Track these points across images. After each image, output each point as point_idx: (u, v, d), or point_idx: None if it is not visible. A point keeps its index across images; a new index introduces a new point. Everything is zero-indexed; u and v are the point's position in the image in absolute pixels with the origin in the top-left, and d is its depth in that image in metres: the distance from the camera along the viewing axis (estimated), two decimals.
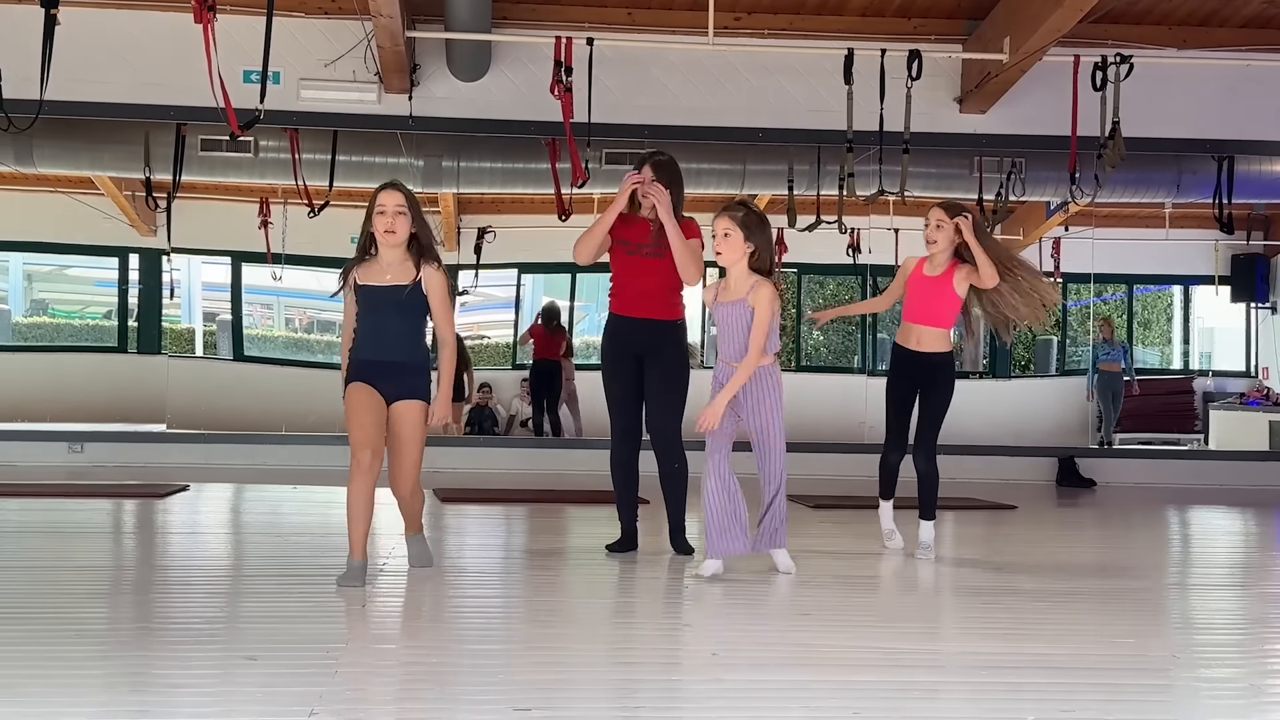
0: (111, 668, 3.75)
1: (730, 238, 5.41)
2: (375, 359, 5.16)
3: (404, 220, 5.16)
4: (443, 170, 11.48)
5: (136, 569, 5.80)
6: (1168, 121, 10.61)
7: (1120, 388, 14.74)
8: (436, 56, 10.34)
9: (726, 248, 5.41)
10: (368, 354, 5.18)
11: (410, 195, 5.25)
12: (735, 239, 5.40)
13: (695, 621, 4.66)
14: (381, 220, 5.16)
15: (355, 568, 5.02)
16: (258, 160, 11.41)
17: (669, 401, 5.90)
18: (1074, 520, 8.66)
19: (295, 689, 3.46)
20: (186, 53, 8.96)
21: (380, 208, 5.17)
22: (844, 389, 14.96)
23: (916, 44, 9.96)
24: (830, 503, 8.66)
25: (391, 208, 5.15)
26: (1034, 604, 5.08)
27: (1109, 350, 14.94)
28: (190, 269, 17.35)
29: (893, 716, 3.37)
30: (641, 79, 10.40)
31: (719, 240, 5.43)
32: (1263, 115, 10.76)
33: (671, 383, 5.90)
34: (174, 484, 8.88)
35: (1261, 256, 15.45)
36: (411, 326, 5.24)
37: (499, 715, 3.28)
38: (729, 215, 5.43)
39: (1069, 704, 3.52)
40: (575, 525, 7.64)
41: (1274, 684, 4.01)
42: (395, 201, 5.16)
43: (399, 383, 5.16)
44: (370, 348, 5.18)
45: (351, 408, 5.11)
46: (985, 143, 10.95)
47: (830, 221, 11.60)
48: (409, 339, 5.23)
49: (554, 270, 16.62)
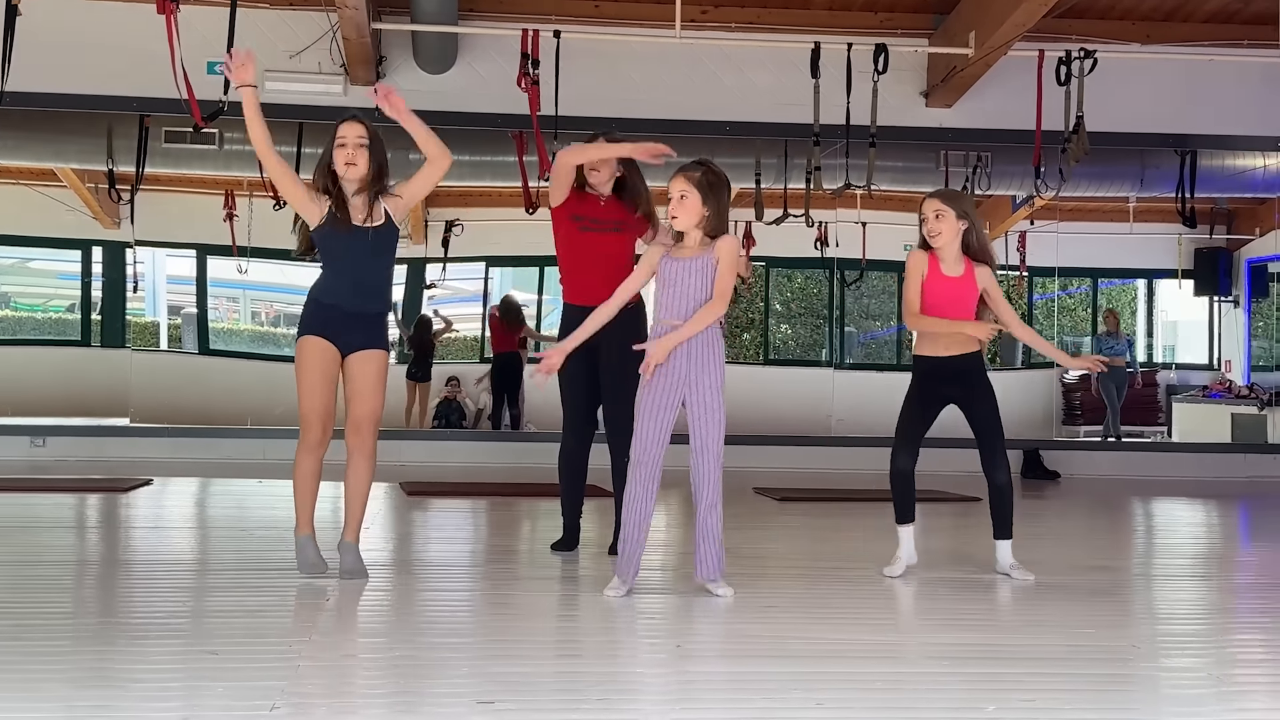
0: (73, 662, 3.72)
1: (686, 200, 4.84)
2: (341, 306, 4.93)
3: (364, 153, 4.88)
4: (409, 163, 11.38)
5: (99, 564, 5.75)
6: (1131, 116, 10.69)
7: (1125, 380, 14.56)
8: (403, 48, 10.30)
9: (682, 211, 4.84)
10: (333, 299, 4.94)
11: (372, 128, 4.96)
12: (692, 202, 4.84)
13: (659, 615, 4.67)
14: (342, 153, 4.88)
15: (304, 544, 4.96)
16: (222, 152, 11.35)
17: (630, 389, 5.38)
18: (1038, 512, 8.71)
19: (257, 683, 3.44)
20: (150, 44, 8.89)
21: (340, 139, 4.89)
22: (811, 382, 15.00)
23: (883, 38, 9.99)
24: (797, 496, 8.69)
25: (353, 139, 4.89)
26: (997, 596, 5.10)
27: (1114, 343, 14.74)
28: (155, 262, 17.20)
29: (855, 707, 3.38)
30: (608, 72, 10.39)
31: (674, 203, 4.87)
32: (1225, 110, 10.85)
33: (632, 367, 5.55)
34: (138, 478, 8.81)
35: (1224, 250, 15.57)
36: (383, 271, 5.03)
37: (462, 708, 3.28)
38: (686, 175, 4.87)
39: (1030, 694, 3.54)
40: (540, 519, 7.63)
41: (1234, 674, 4.04)
42: (356, 133, 4.90)
43: (363, 333, 4.96)
44: (336, 293, 4.93)
45: (306, 368, 4.92)
46: (951, 137, 11.00)
47: (797, 215, 11.63)
48: (381, 287, 5.03)
49: (522, 264, 16.58)
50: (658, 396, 4.84)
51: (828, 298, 14.82)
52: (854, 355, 15.21)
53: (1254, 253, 14.63)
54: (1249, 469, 11.41)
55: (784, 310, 15.68)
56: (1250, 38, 10.56)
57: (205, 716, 3.16)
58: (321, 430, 4.94)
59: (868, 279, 14.67)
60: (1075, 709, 3.42)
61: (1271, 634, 4.69)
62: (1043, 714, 3.35)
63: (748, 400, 11.60)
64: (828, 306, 15.03)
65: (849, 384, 14.19)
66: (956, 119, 10.80)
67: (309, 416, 4.93)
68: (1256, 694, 3.80)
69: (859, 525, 7.51)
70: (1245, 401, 13.42)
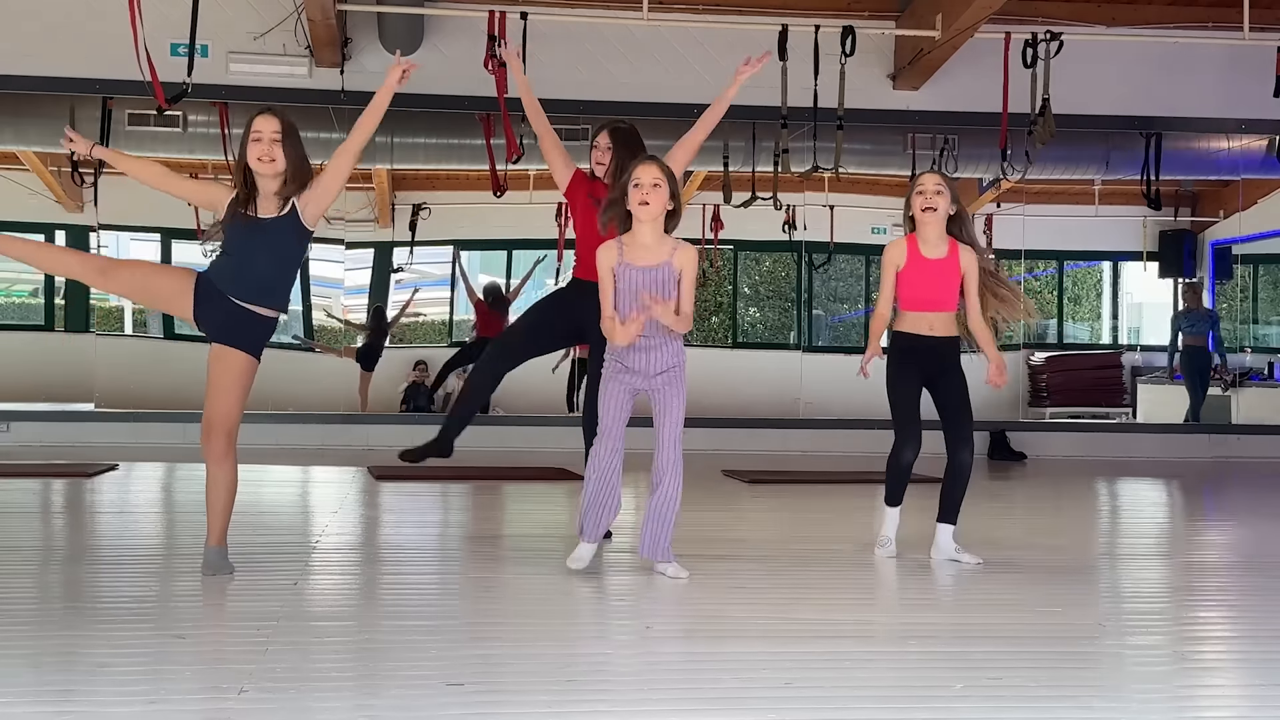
0: (38, 647, 3.69)
1: (660, 189, 4.78)
2: (226, 294, 4.67)
3: (279, 148, 4.66)
4: (376, 146, 11.39)
5: (65, 549, 5.71)
6: (1097, 98, 10.75)
7: (1208, 364, 12.87)
8: (368, 30, 10.24)
9: (655, 199, 4.76)
10: (221, 285, 4.67)
11: (289, 122, 4.75)
12: (664, 192, 4.78)
13: (627, 596, 4.67)
14: (256, 148, 4.64)
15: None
16: (186, 135, 11.27)
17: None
18: (1004, 493, 8.77)
19: (226, 666, 3.43)
20: (112, 25, 8.81)
21: (256, 134, 4.66)
22: (780, 365, 15.02)
23: (850, 20, 10.01)
24: (766, 478, 8.71)
25: (268, 134, 4.66)
26: (964, 575, 5.13)
27: (1194, 322, 12.89)
28: (119, 246, 17.07)
29: (824, 686, 3.40)
30: (576, 54, 10.36)
31: (647, 190, 4.76)
32: (1189, 92, 10.93)
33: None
34: (103, 463, 8.75)
35: (1189, 232, 15.66)
36: (273, 268, 4.72)
37: (431, 690, 3.27)
38: (657, 165, 4.82)
39: (996, 672, 3.57)
40: (510, 503, 7.63)
41: (1197, 650, 4.08)
42: (272, 128, 4.67)
43: (231, 328, 4.66)
44: (222, 279, 4.68)
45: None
46: (918, 119, 11.04)
47: (765, 198, 11.64)
48: (268, 284, 4.70)
49: (490, 247, 16.52)
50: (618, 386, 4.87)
51: (796, 281, 14.84)
52: (822, 338, 15.24)
53: (1218, 235, 14.73)
54: (1213, 449, 11.53)
55: (752, 293, 15.68)
56: (1215, 20, 10.62)
57: (172, 700, 3.14)
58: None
59: (836, 262, 14.68)
60: (1041, 686, 3.45)
61: (1234, 611, 4.74)
62: (1009, 691, 3.38)
63: (717, 383, 11.63)
64: (796, 289, 15.05)
65: (817, 367, 14.21)
66: (923, 101, 10.83)
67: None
68: (1219, 670, 3.85)
69: (828, 507, 7.54)
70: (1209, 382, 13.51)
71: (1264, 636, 4.21)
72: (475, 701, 3.19)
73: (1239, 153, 12.39)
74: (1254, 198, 13.20)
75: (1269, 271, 14.78)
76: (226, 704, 3.08)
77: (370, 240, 13.26)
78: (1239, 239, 13.74)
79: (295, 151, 4.72)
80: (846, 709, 3.21)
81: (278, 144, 4.68)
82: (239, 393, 4.67)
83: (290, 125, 4.75)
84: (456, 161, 11.76)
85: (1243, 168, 12.66)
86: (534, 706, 3.16)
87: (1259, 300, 14.96)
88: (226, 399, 4.66)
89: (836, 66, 9.64)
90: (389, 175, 14.67)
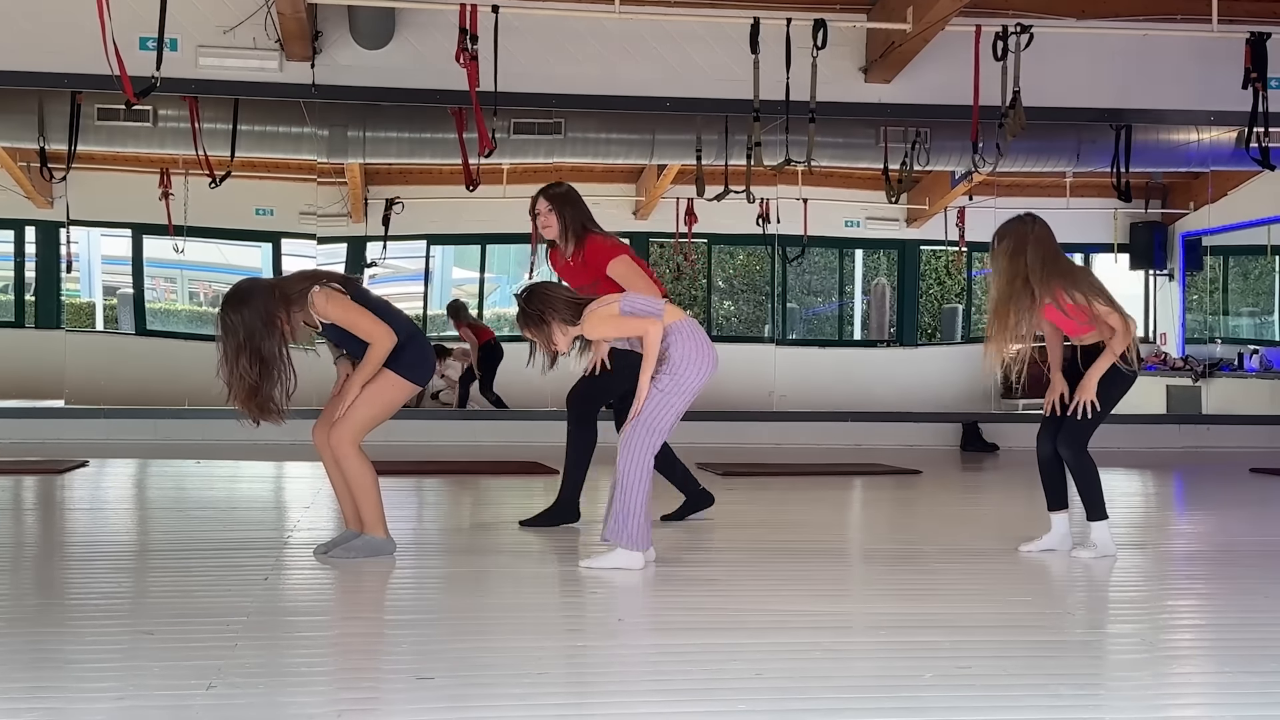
0: (9, 644, 3.67)
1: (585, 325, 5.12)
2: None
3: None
4: (348, 140, 11.34)
5: (35, 546, 5.68)
6: (1067, 91, 10.77)
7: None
8: (339, 23, 10.18)
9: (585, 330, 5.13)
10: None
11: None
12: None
13: (601, 588, 4.67)
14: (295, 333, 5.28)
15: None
16: (157, 130, 11.20)
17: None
18: (977, 484, 8.80)
19: (194, 662, 3.41)
20: (80, 18, 8.74)
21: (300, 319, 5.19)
22: (754, 358, 15.04)
23: (822, 13, 10.01)
24: (740, 470, 8.72)
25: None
26: (937, 565, 5.15)
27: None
28: (89, 242, 16.95)
29: (795, 676, 3.41)
30: (548, 47, 10.33)
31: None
32: (1159, 84, 10.97)
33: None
34: (74, 460, 8.69)
35: (1159, 224, 15.73)
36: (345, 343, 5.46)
37: (401, 684, 3.27)
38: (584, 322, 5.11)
39: (966, 661, 3.58)
40: (488, 496, 7.62)
41: (1168, 639, 4.10)
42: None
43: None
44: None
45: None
46: (890, 112, 11.05)
47: (738, 191, 11.64)
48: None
49: (463, 241, 16.49)
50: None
51: (770, 274, 14.85)
52: (796, 331, 15.25)
53: (1188, 226, 14.80)
54: (1183, 439, 11.58)
55: (726, 287, 15.69)
56: (1184, 12, 10.65)
57: (142, 696, 3.13)
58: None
59: (809, 255, 14.70)
60: (1011, 675, 3.46)
61: (1205, 600, 4.77)
62: (979, 680, 3.39)
63: None
64: (770, 283, 15.07)
65: (791, 360, 14.23)
66: (895, 94, 10.84)
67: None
68: (1191, 659, 3.87)
69: (801, 499, 7.56)
70: (1180, 373, 13.60)
71: (1233, 625, 4.23)
72: (446, 695, 3.18)
73: (1208, 145, 12.45)
74: (1223, 189, 13.27)
75: (1239, 263, 14.87)
76: (194, 699, 3.07)
77: (343, 235, 13.20)
78: (1209, 230, 13.82)
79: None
80: (816, 699, 3.22)
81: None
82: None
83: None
84: (429, 156, 11.72)
85: (1212, 160, 12.72)
86: (505, 700, 3.15)
87: (1229, 292, 15.05)
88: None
89: (808, 60, 9.64)
90: (361, 170, 14.62)
